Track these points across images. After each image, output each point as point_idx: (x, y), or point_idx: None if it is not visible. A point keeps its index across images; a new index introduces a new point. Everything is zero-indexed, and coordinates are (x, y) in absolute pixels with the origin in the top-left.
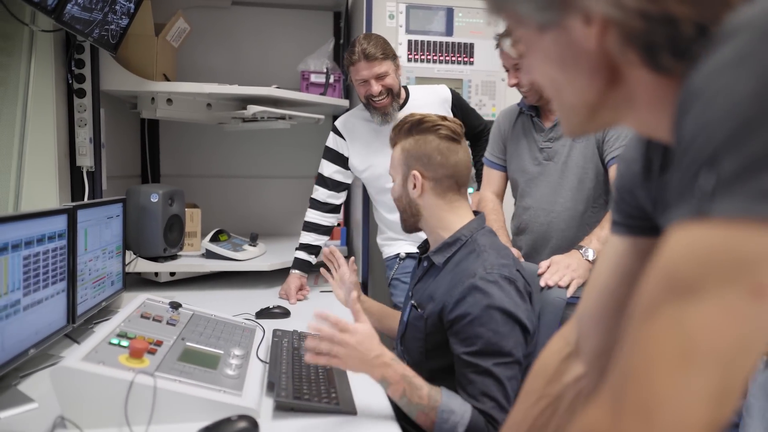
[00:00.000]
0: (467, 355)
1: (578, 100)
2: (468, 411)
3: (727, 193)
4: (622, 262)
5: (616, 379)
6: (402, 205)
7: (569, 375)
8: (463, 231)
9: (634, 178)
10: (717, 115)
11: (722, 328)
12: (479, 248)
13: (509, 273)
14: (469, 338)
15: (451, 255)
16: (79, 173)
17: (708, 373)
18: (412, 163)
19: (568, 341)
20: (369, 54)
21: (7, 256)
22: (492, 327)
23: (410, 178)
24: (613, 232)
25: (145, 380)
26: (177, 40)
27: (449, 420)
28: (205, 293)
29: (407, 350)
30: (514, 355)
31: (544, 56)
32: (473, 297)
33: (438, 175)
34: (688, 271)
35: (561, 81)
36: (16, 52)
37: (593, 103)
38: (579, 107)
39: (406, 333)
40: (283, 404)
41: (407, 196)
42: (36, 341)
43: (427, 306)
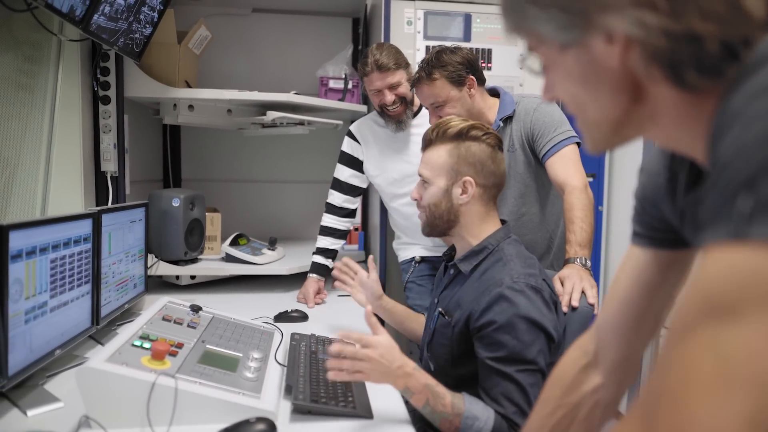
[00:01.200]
0: (491, 360)
1: (602, 117)
2: (491, 417)
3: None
4: (644, 274)
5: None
6: (438, 211)
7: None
8: (489, 240)
9: (658, 190)
10: (755, 139)
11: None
12: (506, 257)
13: (535, 282)
14: (494, 344)
15: (478, 263)
16: (103, 178)
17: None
18: (465, 168)
19: (586, 351)
20: (381, 65)
21: (35, 259)
22: (517, 335)
23: (459, 183)
24: (634, 243)
25: (166, 381)
26: (198, 48)
27: (473, 426)
28: (225, 296)
29: (434, 357)
30: (538, 364)
31: (567, 74)
32: (500, 306)
33: (488, 183)
34: (726, 294)
35: (584, 98)
36: (45, 61)
37: (617, 120)
38: (603, 124)
39: (433, 340)
40: (301, 407)
41: (449, 201)
42: (62, 342)
43: (454, 314)
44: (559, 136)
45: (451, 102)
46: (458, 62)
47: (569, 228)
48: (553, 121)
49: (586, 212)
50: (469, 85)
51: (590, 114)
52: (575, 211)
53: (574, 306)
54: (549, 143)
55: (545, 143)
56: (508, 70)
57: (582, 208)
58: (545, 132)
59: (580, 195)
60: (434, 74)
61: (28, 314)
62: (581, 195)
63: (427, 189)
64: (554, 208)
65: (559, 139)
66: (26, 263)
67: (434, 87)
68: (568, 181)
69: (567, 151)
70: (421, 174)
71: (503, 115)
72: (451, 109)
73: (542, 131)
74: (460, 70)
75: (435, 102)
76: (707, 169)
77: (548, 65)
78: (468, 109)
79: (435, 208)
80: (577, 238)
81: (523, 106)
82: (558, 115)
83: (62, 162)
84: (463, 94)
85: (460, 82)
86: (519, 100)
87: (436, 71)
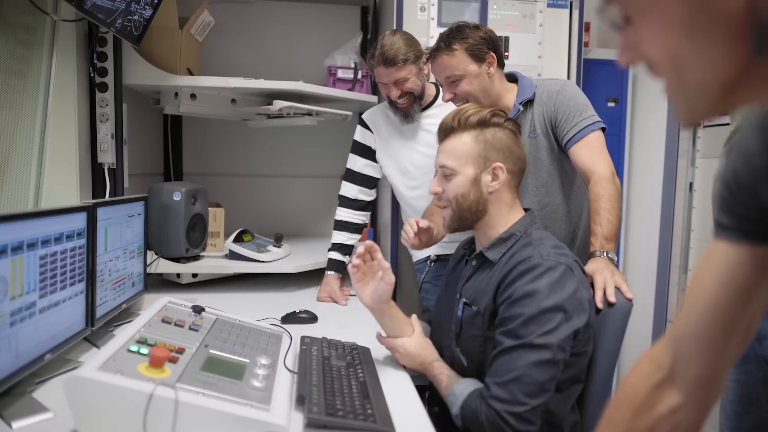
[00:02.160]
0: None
1: (711, 77)
2: (466, 391)
3: None
4: (737, 275)
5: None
6: (467, 202)
7: (663, 405)
8: (516, 226)
9: (755, 173)
10: None
11: None
12: (534, 241)
13: (566, 261)
14: (507, 318)
15: (506, 250)
16: (100, 170)
17: None
18: (493, 155)
19: (660, 365)
20: (387, 59)
21: (23, 255)
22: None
23: (489, 170)
24: (721, 238)
25: (165, 392)
26: (201, 34)
27: (454, 403)
28: (228, 295)
29: (464, 350)
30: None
31: (665, 21)
32: (522, 279)
33: (516, 168)
34: None
35: (687, 53)
36: (38, 46)
37: (729, 79)
38: (710, 85)
39: (461, 333)
40: (315, 421)
41: (478, 191)
42: (52, 346)
43: (481, 301)
44: (585, 121)
45: (468, 77)
46: (480, 37)
47: (595, 219)
48: (578, 105)
49: (613, 203)
50: (489, 62)
51: (694, 73)
52: (602, 202)
53: (610, 301)
54: (574, 129)
55: (570, 128)
56: (525, 59)
57: (609, 199)
58: (570, 116)
59: (607, 185)
60: (454, 45)
61: (14, 316)
62: (608, 185)
63: (451, 180)
64: (578, 198)
65: (584, 124)
66: (12, 260)
67: (453, 58)
68: (595, 169)
69: (593, 137)
70: (444, 164)
71: (523, 99)
72: (468, 86)
73: (566, 115)
74: (482, 44)
75: (452, 75)
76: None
77: (635, 14)
78: (485, 89)
79: (463, 199)
80: (603, 230)
81: (544, 89)
82: (582, 98)
83: (56, 153)
84: (482, 70)
85: (480, 57)
86: (538, 83)
87: (456, 42)
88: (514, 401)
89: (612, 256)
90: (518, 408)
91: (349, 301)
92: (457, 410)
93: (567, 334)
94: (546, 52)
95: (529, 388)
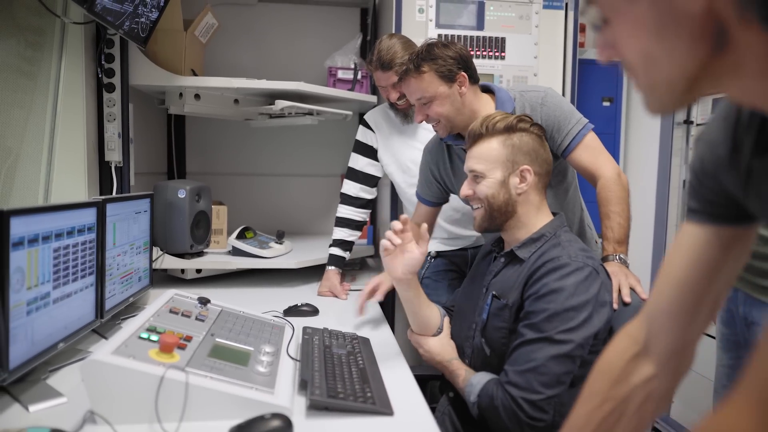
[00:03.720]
0: (522, 326)
1: (677, 72)
2: (482, 381)
3: None
4: (703, 254)
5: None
6: (497, 202)
7: (637, 376)
8: (546, 228)
9: (718, 161)
10: None
11: None
12: (563, 242)
13: (593, 264)
14: (531, 312)
15: (536, 249)
16: (107, 168)
17: None
18: (521, 158)
19: (636, 339)
20: (384, 64)
21: (38, 247)
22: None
23: (516, 173)
24: (690, 220)
25: (176, 375)
26: (205, 36)
27: (471, 393)
28: (232, 291)
29: (489, 341)
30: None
31: (637, 24)
32: (549, 277)
33: (542, 171)
34: None
35: (656, 52)
36: (47, 47)
37: (693, 74)
38: (677, 80)
39: (487, 324)
40: (318, 403)
41: (507, 193)
42: (65, 335)
43: (509, 295)
44: (576, 127)
45: (439, 99)
46: (450, 56)
47: (605, 224)
48: (564, 113)
49: (623, 205)
50: (460, 82)
51: (662, 71)
52: (611, 206)
53: (626, 301)
54: (568, 137)
55: (564, 137)
56: (522, 59)
57: (618, 202)
58: (561, 126)
59: (614, 187)
60: (423, 67)
61: (30, 305)
62: (616, 186)
63: (480, 183)
64: (570, 201)
65: (577, 129)
66: (28, 251)
67: (422, 81)
68: (600, 172)
69: (588, 140)
70: (473, 169)
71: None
72: (439, 107)
73: (557, 125)
74: (452, 65)
75: (422, 98)
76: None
77: (612, 16)
78: (457, 108)
79: (493, 200)
80: (615, 235)
81: (526, 102)
82: (566, 105)
83: (65, 151)
84: (452, 91)
85: (450, 78)
86: (517, 95)
87: (425, 64)
88: (530, 389)
89: (624, 258)
90: (533, 396)
91: (349, 295)
92: (475, 398)
93: (588, 334)
94: (542, 53)
95: (546, 378)
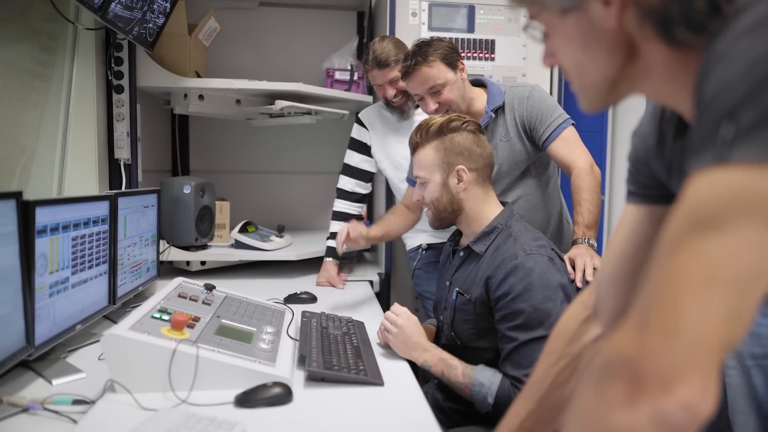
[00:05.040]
0: (509, 329)
1: (600, 77)
2: (497, 381)
3: (744, 141)
4: (639, 229)
5: (642, 304)
6: (442, 204)
7: (588, 336)
8: (498, 220)
9: (649, 150)
10: (736, 75)
11: (741, 256)
12: (515, 233)
13: (547, 252)
14: (510, 314)
15: (490, 243)
16: (116, 165)
17: (727, 295)
18: (454, 159)
19: (587, 305)
20: (380, 61)
21: (59, 235)
22: (532, 303)
23: (453, 174)
24: (628, 202)
25: (187, 349)
26: (208, 39)
27: (480, 392)
28: (235, 281)
29: (457, 334)
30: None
31: (567, 38)
32: (515, 276)
33: (480, 165)
34: (711, 208)
35: (584, 60)
36: (60, 51)
37: (613, 78)
38: (601, 83)
39: (455, 318)
40: (315, 374)
41: (449, 193)
42: (82, 318)
43: (472, 290)
44: (557, 120)
45: (449, 85)
46: (448, 46)
47: (576, 210)
48: (548, 107)
49: (593, 194)
50: (461, 68)
51: (589, 75)
52: (582, 193)
53: (588, 280)
54: (549, 128)
55: (545, 129)
56: (511, 60)
57: (589, 190)
58: (543, 118)
59: (586, 177)
60: (430, 56)
61: (52, 288)
62: (588, 177)
63: (426, 187)
64: (552, 191)
65: (557, 123)
66: (50, 239)
67: (432, 69)
68: (575, 163)
69: (567, 133)
70: (417, 175)
71: (494, 106)
72: (449, 93)
73: (540, 117)
74: (452, 53)
75: (434, 85)
76: (692, 117)
77: (549, 31)
78: (462, 95)
79: (438, 203)
80: (585, 219)
81: (514, 95)
82: (551, 100)
83: (77, 149)
84: (457, 77)
85: (454, 65)
86: (506, 89)
87: (431, 54)
88: None
89: (592, 243)
90: None
91: (346, 285)
92: (493, 399)
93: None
94: (530, 54)
95: None
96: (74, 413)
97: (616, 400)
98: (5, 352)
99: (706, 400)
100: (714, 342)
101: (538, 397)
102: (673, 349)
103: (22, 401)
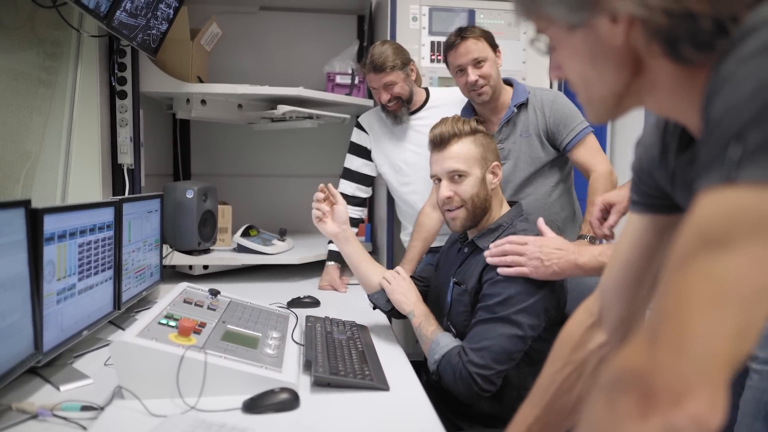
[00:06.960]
0: (480, 309)
1: (607, 91)
2: (449, 346)
3: (751, 162)
4: (643, 238)
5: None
6: (479, 200)
7: (593, 342)
8: (504, 218)
9: (652, 161)
10: (743, 97)
11: (749, 275)
12: (518, 232)
13: None
14: (486, 295)
15: (494, 239)
16: (120, 170)
17: (735, 312)
18: (491, 156)
19: (592, 312)
20: (377, 66)
21: (66, 242)
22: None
23: (490, 169)
24: (632, 211)
25: (195, 355)
26: (210, 44)
27: (434, 349)
28: (238, 285)
29: (454, 324)
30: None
31: (574, 53)
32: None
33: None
34: (719, 227)
35: (590, 75)
36: (65, 58)
37: (619, 93)
38: (607, 97)
39: (451, 309)
40: (321, 379)
41: (485, 188)
42: (88, 324)
43: (469, 281)
44: (580, 126)
45: (490, 61)
46: (489, 32)
47: (588, 209)
48: (572, 113)
49: None
50: (498, 54)
51: (596, 89)
52: (597, 195)
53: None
54: (571, 133)
55: (568, 133)
56: (511, 65)
57: (603, 192)
58: (567, 122)
59: (604, 181)
60: (478, 32)
61: (60, 295)
62: (605, 181)
63: (462, 182)
64: (561, 193)
65: (579, 129)
66: (58, 246)
67: (479, 42)
68: (595, 167)
69: (589, 139)
70: (456, 168)
71: (518, 102)
72: (489, 68)
73: (564, 121)
74: (493, 39)
75: (479, 57)
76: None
77: (555, 46)
78: (498, 75)
79: (477, 199)
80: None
81: (538, 97)
82: (574, 107)
83: (81, 155)
84: (496, 59)
85: (494, 47)
86: (531, 90)
87: (477, 32)
88: (485, 366)
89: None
90: (487, 371)
91: (348, 289)
92: (439, 357)
93: (537, 315)
94: (530, 58)
95: (499, 356)
96: (83, 419)
97: (627, 414)
98: (15, 359)
99: (715, 413)
100: (722, 357)
101: (545, 402)
102: (683, 364)
103: (31, 408)
